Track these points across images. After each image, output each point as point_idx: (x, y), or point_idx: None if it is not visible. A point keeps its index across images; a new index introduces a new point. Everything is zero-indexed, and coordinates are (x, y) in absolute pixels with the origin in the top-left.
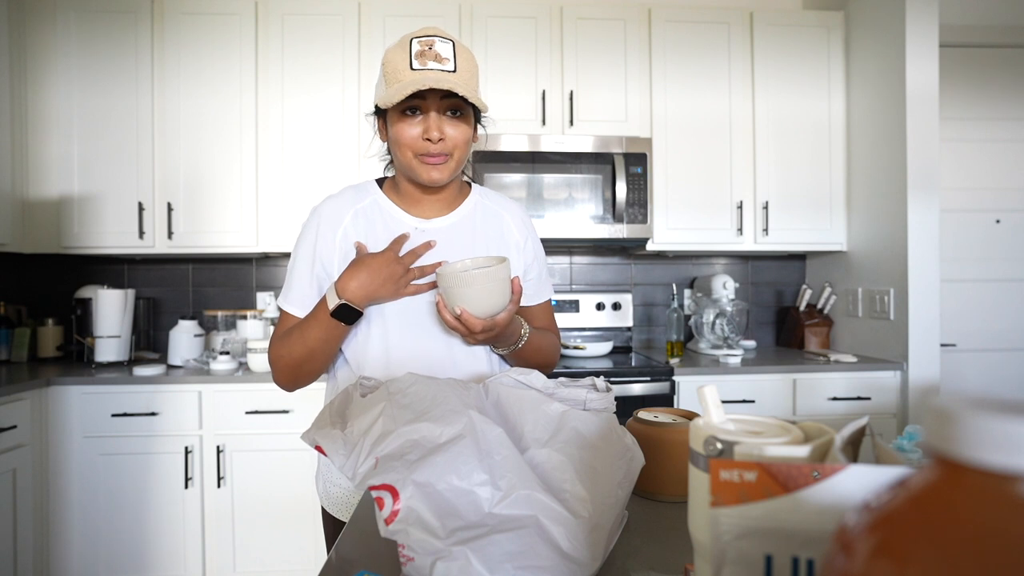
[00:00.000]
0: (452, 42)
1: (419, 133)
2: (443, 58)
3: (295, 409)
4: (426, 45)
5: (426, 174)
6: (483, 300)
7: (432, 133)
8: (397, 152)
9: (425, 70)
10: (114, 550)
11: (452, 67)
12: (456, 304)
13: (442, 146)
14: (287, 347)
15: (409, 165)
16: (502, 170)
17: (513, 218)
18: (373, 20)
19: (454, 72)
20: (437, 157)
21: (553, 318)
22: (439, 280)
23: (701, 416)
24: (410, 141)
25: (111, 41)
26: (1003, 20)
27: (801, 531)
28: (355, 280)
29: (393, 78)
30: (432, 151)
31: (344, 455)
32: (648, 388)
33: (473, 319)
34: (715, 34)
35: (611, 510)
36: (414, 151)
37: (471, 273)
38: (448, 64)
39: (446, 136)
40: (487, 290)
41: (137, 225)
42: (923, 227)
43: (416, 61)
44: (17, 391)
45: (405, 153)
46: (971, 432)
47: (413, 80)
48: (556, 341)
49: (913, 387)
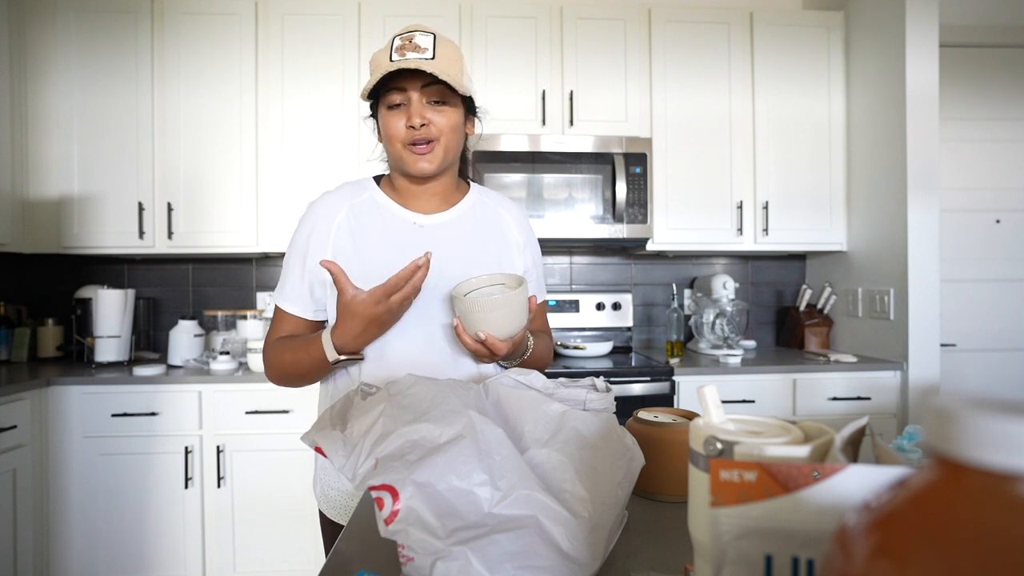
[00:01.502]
0: (433, 35)
1: (404, 123)
2: (422, 48)
3: (295, 409)
4: (406, 39)
5: (414, 164)
6: (506, 323)
7: (414, 120)
8: (388, 146)
9: (404, 60)
10: (114, 550)
11: (431, 55)
12: (479, 329)
13: (426, 132)
14: (280, 359)
15: (399, 157)
16: (502, 170)
17: (513, 218)
18: (373, 20)
19: (432, 60)
20: (423, 145)
21: (546, 318)
22: (457, 305)
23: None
24: (396, 132)
25: (111, 41)
26: (1003, 20)
27: (801, 531)
28: (352, 334)
29: (376, 73)
30: (417, 139)
31: (344, 456)
32: (648, 388)
33: (498, 343)
34: (715, 34)
35: (611, 510)
36: (402, 141)
37: (495, 299)
38: (427, 53)
39: (429, 121)
40: (510, 313)
41: (137, 225)
42: (923, 227)
43: (395, 54)
44: (17, 391)
45: (395, 145)
46: (971, 432)
47: (388, 67)
48: (551, 343)
49: (913, 387)
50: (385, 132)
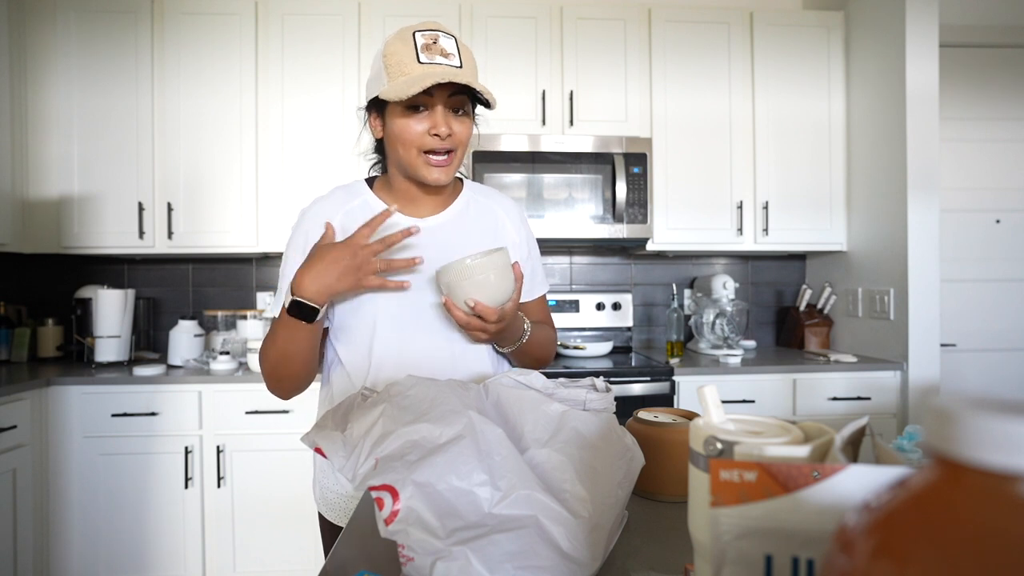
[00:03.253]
0: (454, 38)
1: (425, 129)
2: (448, 53)
3: (295, 409)
4: (430, 39)
5: (430, 175)
6: (492, 288)
7: (441, 128)
8: (399, 149)
9: (433, 64)
10: (114, 550)
11: (459, 63)
12: (467, 297)
13: (449, 142)
14: (264, 351)
15: (412, 164)
16: (502, 170)
17: (507, 213)
18: (373, 20)
19: (460, 68)
20: (443, 156)
21: (549, 312)
22: (441, 278)
23: (701, 416)
24: (415, 137)
25: (111, 41)
26: (1003, 20)
27: (801, 531)
28: (309, 274)
29: (398, 71)
30: (439, 148)
31: (344, 456)
32: (648, 388)
33: (488, 308)
34: (715, 34)
35: (611, 510)
36: (419, 147)
37: (477, 262)
38: (454, 60)
39: (453, 132)
40: (495, 277)
41: (137, 225)
42: (923, 227)
43: (423, 55)
44: (17, 391)
45: (408, 150)
46: (971, 432)
47: (425, 73)
48: (553, 335)
49: (913, 387)
50: (399, 133)
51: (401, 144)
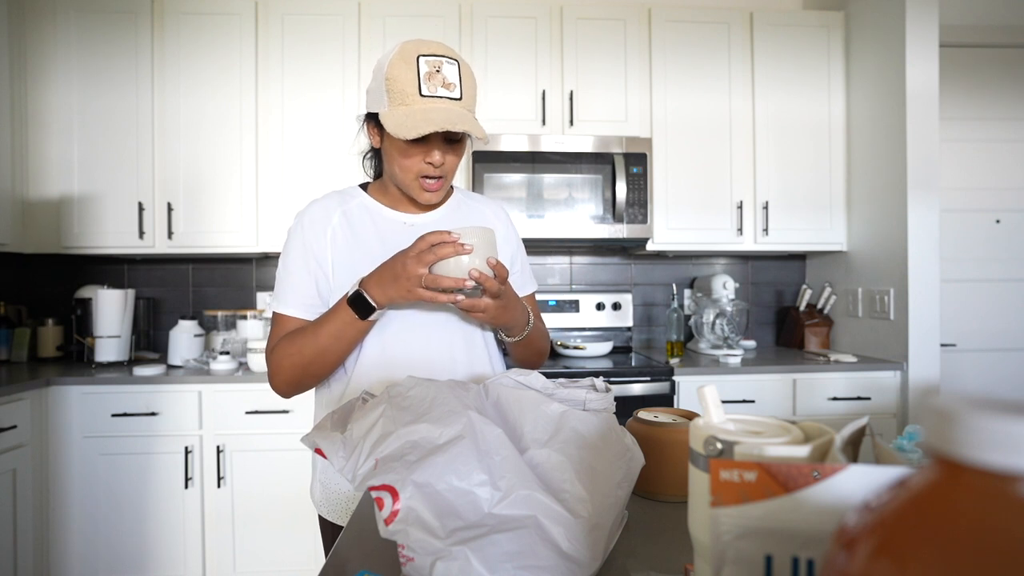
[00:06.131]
0: (457, 63)
1: (421, 158)
2: (449, 83)
3: (295, 409)
4: (434, 67)
5: (422, 196)
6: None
7: (434, 159)
8: (395, 168)
9: (435, 97)
10: (114, 550)
11: (458, 94)
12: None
13: (442, 170)
14: (296, 345)
15: (407, 185)
16: (502, 170)
17: (494, 213)
18: (373, 20)
19: (460, 100)
20: (435, 181)
21: (538, 310)
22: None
23: (701, 416)
24: (411, 164)
25: (111, 41)
26: (1003, 20)
27: (801, 531)
28: (375, 275)
29: (399, 99)
30: (432, 174)
31: (344, 457)
32: (648, 388)
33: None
34: (715, 34)
35: (611, 510)
36: (415, 174)
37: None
38: (455, 91)
39: (446, 162)
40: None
41: (137, 225)
42: (923, 227)
43: (425, 85)
44: (17, 391)
45: (406, 175)
46: (971, 432)
47: (426, 112)
48: (546, 332)
49: (913, 387)
50: (398, 160)
51: (399, 168)
